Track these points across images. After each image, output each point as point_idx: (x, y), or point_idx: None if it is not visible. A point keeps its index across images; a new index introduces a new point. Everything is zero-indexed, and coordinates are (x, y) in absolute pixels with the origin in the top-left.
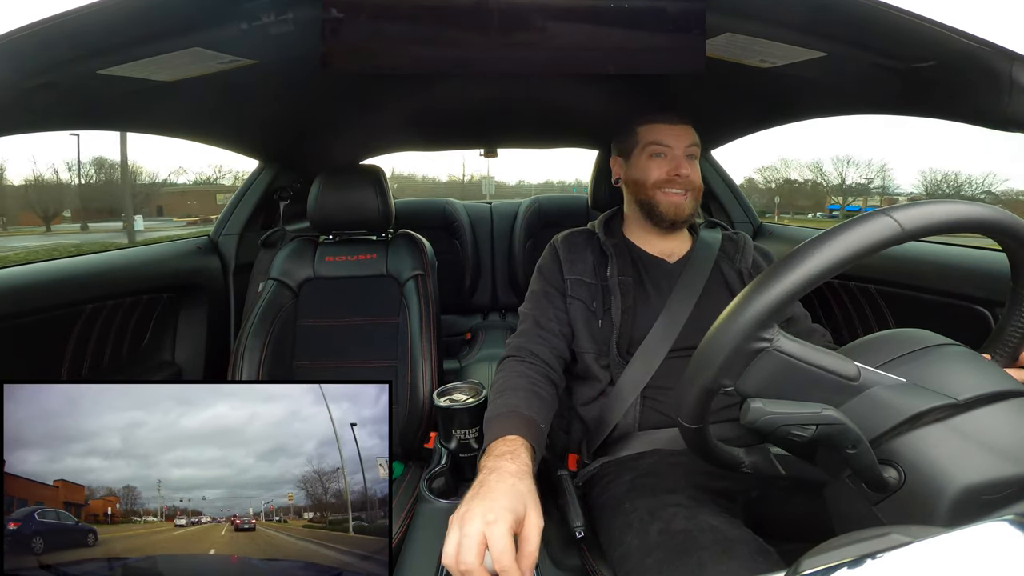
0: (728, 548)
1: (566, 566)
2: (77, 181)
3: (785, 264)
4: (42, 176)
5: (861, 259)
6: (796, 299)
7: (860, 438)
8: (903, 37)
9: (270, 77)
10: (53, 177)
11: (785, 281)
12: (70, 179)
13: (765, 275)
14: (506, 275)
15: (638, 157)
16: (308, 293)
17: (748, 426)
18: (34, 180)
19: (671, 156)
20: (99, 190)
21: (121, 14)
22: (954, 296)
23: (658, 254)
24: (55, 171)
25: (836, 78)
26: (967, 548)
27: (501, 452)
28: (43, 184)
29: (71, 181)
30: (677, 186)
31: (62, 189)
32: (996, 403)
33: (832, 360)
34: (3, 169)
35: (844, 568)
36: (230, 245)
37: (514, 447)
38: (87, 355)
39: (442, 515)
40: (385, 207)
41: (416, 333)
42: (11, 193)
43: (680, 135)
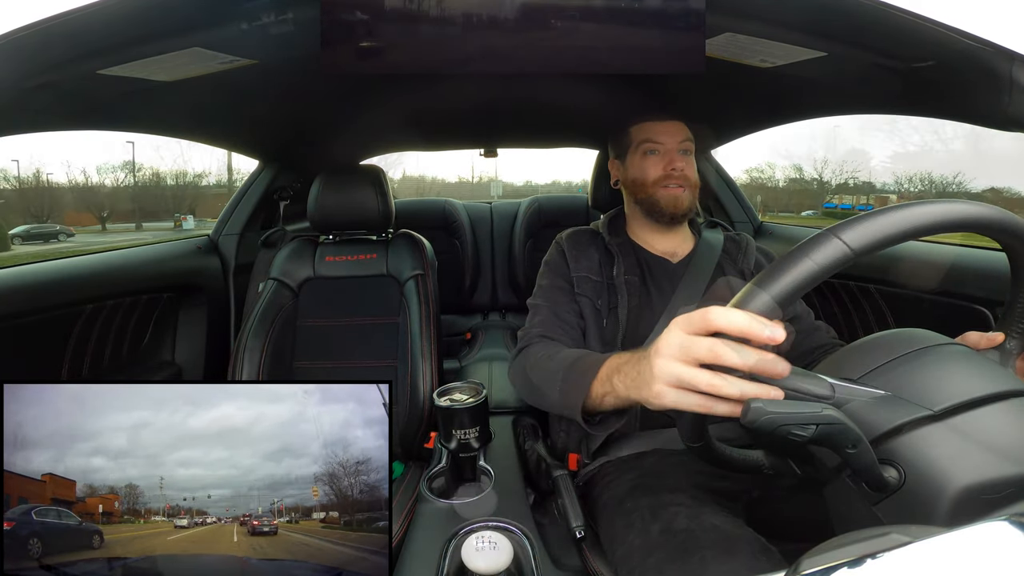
0: (730, 547)
1: (566, 566)
2: (131, 182)
3: (750, 293)
4: (90, 179)
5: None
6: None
7: (860, 438)
8: (903, 37)
9: (270, 77)
10: (98, 180)
11: (752, 306)
12: (116, 181)
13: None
14: (506, 275)
15: (632, 156)
16: (308, 293)
17: (748, 426)
18: (85, 182)
19: (664, 152)
20: (149, 192)
21: (121, 14)
22: (954, 296)
23: (661, 253)
24: (110, 172)
25: (836, 78)
26: (967, 548)
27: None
28: (92, 187)
29: (119, 183)
30: (673, 181)
31: (117, 192)
32: (996, 403)
33: (804, 381)
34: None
35: (844, 568)
36: (230, 245)
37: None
38: (87, 355)
39: (442, 515)
40: (385, 207)
41: (416, 333)
42: (64, 194)
43: (672, 131)
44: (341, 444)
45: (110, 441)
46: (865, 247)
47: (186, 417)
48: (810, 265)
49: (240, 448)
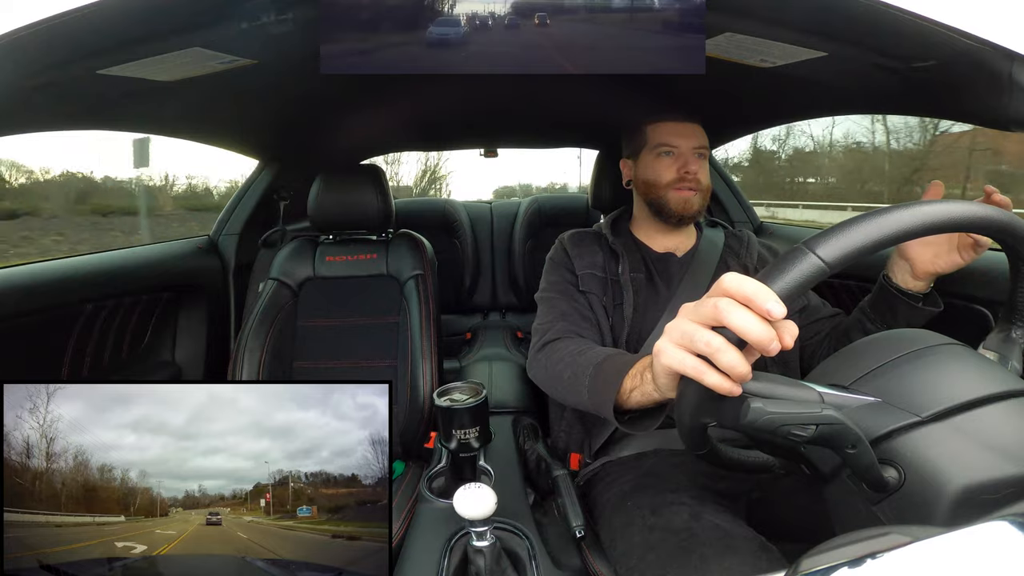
0: (730, 545)
1: (566, 566)
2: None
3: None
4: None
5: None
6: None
7: (860, 438)
8: (903, 37)
9: (270, 77)
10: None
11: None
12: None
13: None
14: (506, 275)
15: (647, 157)
16: (308, 293)
17: (748, 426)
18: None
19: (679, 155)
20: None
21: (121, 14)
22: (954, 296)
23: (664, 250)
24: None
25: (836, 78)
26: (967, 548)
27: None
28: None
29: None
30: (687, 184)
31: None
32: (996, 403)
33: (793, 391)
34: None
35: (844, 568)
36: (230, 245)
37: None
38: (87, 355)
39: (442, 515)
40: (385, 207)
41: (416, 333)
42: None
43: (688, 134)
44: (341, 444)
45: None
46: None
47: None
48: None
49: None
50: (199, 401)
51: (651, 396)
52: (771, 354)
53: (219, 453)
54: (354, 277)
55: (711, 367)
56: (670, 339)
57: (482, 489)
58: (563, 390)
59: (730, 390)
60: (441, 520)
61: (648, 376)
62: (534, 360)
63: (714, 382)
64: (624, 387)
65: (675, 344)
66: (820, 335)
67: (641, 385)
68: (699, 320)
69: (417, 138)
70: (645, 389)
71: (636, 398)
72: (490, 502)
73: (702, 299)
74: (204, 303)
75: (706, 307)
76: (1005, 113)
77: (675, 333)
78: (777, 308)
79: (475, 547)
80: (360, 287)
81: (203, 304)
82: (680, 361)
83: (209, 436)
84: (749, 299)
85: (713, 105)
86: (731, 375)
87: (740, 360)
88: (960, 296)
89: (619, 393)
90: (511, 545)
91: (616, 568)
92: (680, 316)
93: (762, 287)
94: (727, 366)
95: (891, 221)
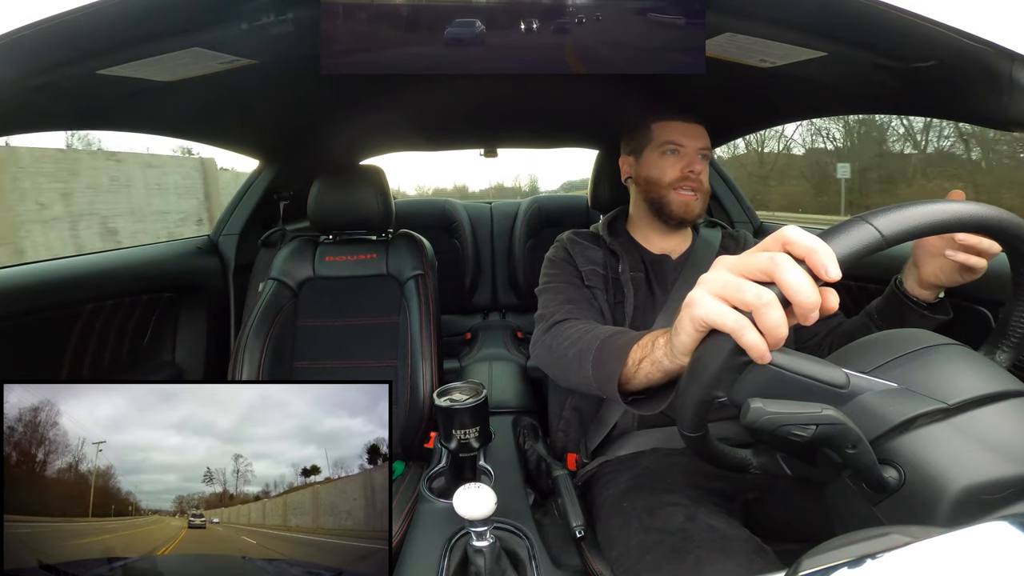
0: (725, 547)
1: (566, 566)
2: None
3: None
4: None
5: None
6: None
7: (860, 438)
8: (903, 37)
9: (270, 77)
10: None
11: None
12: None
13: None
14: (506, 275)
15: (651, 154)
16: (308, 293)
17: (748, 426)
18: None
19: (684, 154)
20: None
21: (121, 14)
22: (954, 296)
23: (661, 251)
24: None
25: (836, 78)
26: (967, 548)
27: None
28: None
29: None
30: (689, 185)
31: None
32: (996, 403)
33: (820, 369)
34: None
35: (844, 568)
36: (230, 245)
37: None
38: (87, 355)
39: (442, 515)
40: (385, 207)
41: (416, 333)
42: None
43: (694, 135)
44: (340, 444)
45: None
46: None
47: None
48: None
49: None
50: (199, 401)
51: (661, 365)
52: (808, 323)
53: (219, 453)
54: (354, 277)
55: (749, 325)
56: (708, 289)
57: (482, 489)
58: (567, 369)
59: (762, 355)
60: (441, 520)
61: (661, 342)
62: (539, 342)
63: (752, 340)
64: (632, 357)
65: (713, 295)
66: (819, 336)
67: (652, 353)
68: (744, 272)
69: (417, 138)
70: (656, 356)
71: (645, 369)
72: (490, 502)
73: (752, 250)
74: (204, 303)
75: (759, 259)
76: (1005, 113)
77: (715, 283)
78: (835, 268)
79: (475, 547)
80: (360, 287)
81: (203, 304)
82: (719, 312)
83: (214, 436)
84: (810, 252)
85: (714, 105)
86: (769, 338)
87: (783, 321)
88: (960, 296)
89: (626, 367)
90: (511, 545)
91: (614, 569)
92: (718, 267)
93: (825, 244)
94: (770, 325)
95: (951, 209)
